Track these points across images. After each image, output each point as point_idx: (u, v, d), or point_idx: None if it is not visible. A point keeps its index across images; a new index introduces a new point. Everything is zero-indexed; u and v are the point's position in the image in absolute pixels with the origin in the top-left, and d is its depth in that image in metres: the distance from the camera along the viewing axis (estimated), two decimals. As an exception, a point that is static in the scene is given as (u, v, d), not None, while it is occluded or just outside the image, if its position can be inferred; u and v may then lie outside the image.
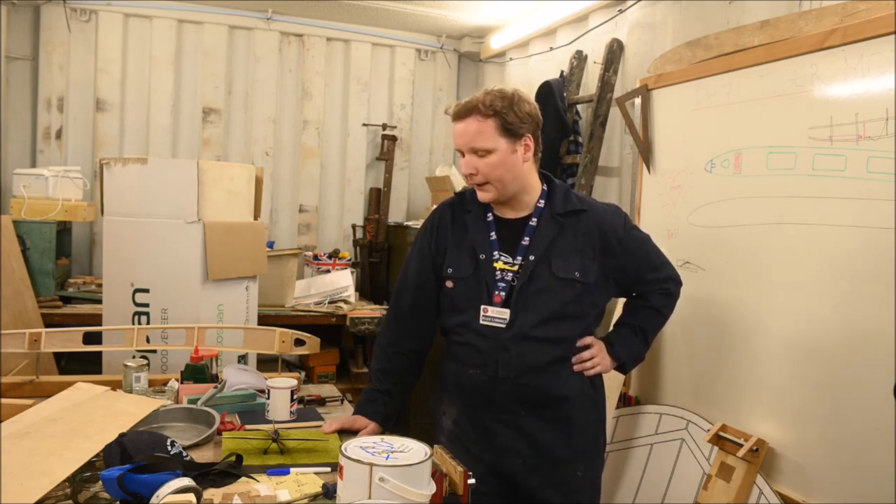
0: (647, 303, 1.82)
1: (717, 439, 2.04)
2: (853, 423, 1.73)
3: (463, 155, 1.68)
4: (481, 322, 1.69)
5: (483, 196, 1.71)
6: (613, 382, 2.43)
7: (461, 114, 1.66)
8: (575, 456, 1.72)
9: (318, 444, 1.62)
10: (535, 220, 1.71)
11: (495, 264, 1.70)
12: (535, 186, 1.74)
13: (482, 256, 1.71)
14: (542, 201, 1.73)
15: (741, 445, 1.93)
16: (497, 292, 1.68)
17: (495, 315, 1.68)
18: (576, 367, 1.71)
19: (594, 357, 1.73)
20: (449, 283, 1.75)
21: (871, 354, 1.68)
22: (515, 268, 1.68)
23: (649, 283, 1.80)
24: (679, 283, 1.85)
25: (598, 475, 1.81)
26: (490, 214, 1.76)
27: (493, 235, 1.73)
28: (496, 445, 1.69)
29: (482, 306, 1.69)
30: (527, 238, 1.70)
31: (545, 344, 1.67)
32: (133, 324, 2.56)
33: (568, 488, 1.70)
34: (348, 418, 1.77)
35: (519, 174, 1.68)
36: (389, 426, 1.79)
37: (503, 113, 1.62)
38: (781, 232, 1.94)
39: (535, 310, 1.66)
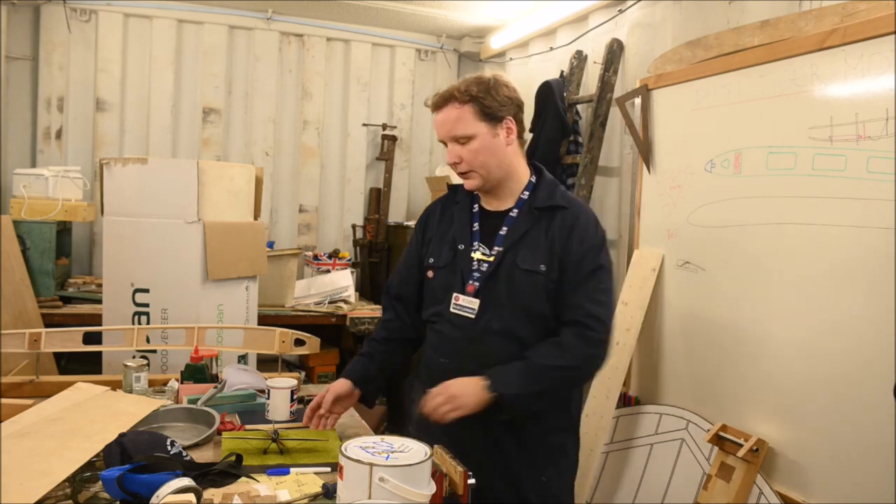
0: (556, 338, 1.60)
1: (717, 439, 2.04)
2: (853, 423, 1.73)
3: (447, 145, 1.67)
4: (452, 310, 1.68)
5: (469, 184, 1.69)
6: (613, 383, 2.43)
7: (439, 103, 1.65)
8: (538, 461, 1.67)
9: (317, 444, 1.62)
10: (515, 211, 1.69)
11: (473, 255, 1.69)
12: (523, 174, 1.71)
13: (461, 247, 1.71)
14: (527, 193, 1.70)
15: (741, 445, 1.93)
16: (471, 282, 1.67)
17: (465, 304, 1.67)
18: (433, 419, 1.53)
19: (441, 397, 1.52)
20: (430, 273, 1.76)
21: (871, 354, 1.68)
22: (492, 259, 1.67)
23: (571, 310, 1.61)
24: (603, 333, 1.59)
25: (568, 481, 1.75)
26: (476, 206, 1.75)
27: (476, 226, 1.72)
28: (459, 437, 1.61)
29: (454, 294, 1.69)
30: (504, 229, 1.68)
31: (511, 341, 1.63)
32: (133, 324, 2.57)
33: (530, 493, 1.65)
34: (321, 393, 1.73)
35: (502, 159, 1.66)
36: (369, 391, 1.77)
37: (480, 97, 1.60)
38: (781, 232, 1.94)
39: (501, 303, 1.64)
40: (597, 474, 2.46)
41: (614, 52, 2.93)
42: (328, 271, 3.88)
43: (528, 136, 3.28)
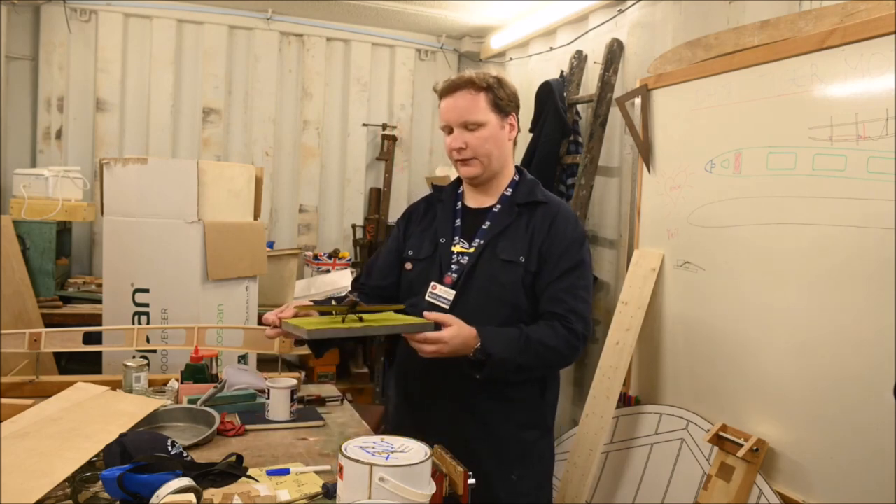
0: (549, 323, 1.61)
1: (717, 439, 2.04)
2: (853, 423, 1.73)
3: (451, 131, 1.68)
4: (427, 298, 1.69)
5: (468, 171, 1.70)
6: (613, 383, 2.43)
7: (450, 88, 1.67)
8: (507, 459, 1.66)
9: (391, 315, 1.57)
10: (498, 206, 1.73)
11: (453, 248, 1.72)
12: (510, 172, 1.77)
13: (442, 240, 1.73)
14: (510, 190, 1.75)
15: (741, 445, 1.93)
16: (449, 273, 1.69)
17: (441, 294, 1.68)
18: (412, 344, 1.51)
19: (432, 339, 1.48)
20: (408, 265, 1.79)
21: (871, 354, 1.68)
22: (471, 251, 1.69)
23: (553, 303, 1.62)
24: (584, 329, 1.62)
25: (541, 482, 1.75)
26: (459, 203, 1.79)
27: (458, 223, 1.75)
28: (431, 425, 1.62)
29: (432, 283, 1.70)
30: (487, 223, 1.71)
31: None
32: (133, 324, 2.56)
33: (501, 492, 1.64)
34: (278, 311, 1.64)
35: (504, 152, 1.71)
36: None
37: (494, 88, 1.66)
38: (781, 232, 1.93)
39: (477, 294, 1.65)
40: (597, 474, 2.46)
41: (614, 52, 2.93)
42: (328, 271, 3.88)
43: (529, 136, 3.29)
